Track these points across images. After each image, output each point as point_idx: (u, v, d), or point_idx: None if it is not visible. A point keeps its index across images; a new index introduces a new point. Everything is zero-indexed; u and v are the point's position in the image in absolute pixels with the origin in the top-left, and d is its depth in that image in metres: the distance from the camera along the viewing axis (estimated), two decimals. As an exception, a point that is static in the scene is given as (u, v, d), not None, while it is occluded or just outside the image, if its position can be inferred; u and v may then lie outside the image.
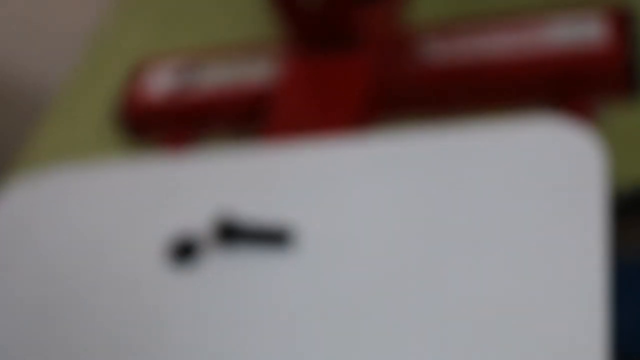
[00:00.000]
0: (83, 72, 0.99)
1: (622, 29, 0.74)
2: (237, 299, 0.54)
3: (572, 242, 0.51)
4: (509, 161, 0.56)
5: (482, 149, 0.57)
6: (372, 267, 0.53)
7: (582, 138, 0.55)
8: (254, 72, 0.83)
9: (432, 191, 0.56)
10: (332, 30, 0.75)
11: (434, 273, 0.52)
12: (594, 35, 0.74)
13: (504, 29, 0.77)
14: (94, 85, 0.97)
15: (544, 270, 0.50)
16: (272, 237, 0.56)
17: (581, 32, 0.74)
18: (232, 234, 0.56)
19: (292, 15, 0.75)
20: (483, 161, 0.56)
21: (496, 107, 0.76)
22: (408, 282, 0.52)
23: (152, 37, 1.00)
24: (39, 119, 0.96)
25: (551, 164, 0.55)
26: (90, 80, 0.98)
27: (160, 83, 0.86)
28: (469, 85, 0.77)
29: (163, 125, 0.86)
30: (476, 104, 0.77)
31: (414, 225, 0.54)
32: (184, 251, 0.57)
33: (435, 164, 0.57)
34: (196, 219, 0.59)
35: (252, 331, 0.52)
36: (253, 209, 0.58)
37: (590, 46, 0.74)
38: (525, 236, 0.52)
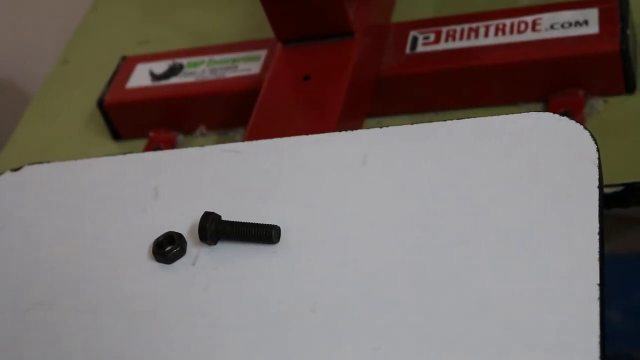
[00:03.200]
0: (65, 67, 0.99)
1: (617, 22, 0.73)
2: (224, 297, 0.54)
3: (566, 234, 0.50)
4: (502, 154, 0.55)
5: (474, 142, 0.57)
6: (361, 262, 0.53)
7: (577, 132, 0.55)
8: (240, 66, 0.83)
9: (422, 184, 0.55)
10: (320, 21, 0.74)
11: (426, 267, 0.51)
12: (589, 29, 0.74)
13: (498, 23, 0.77)
14: (76, 80, 0.96)
15: (537, 262, 0.50)
16: (258, 235, 0.55)
17: (577, 26, 0.74)
18: (218, 231, 0.56)
19: (280, 6, 0.74)
20: (474, 154, 0.56)
21: (489, 101, 0.76)
22: (397, 277, 0.51)
23: (135, 31, 0.99)
24: (21, 114, 0.96)
25: (546, 157, 0.54)
26: (73, 75, 0.97)
27: (145, 78, 0.86)
28: (460, 79, 0.76)
29: (147, 120, 0.85)
30: (468, 99, 0.77)
31: (404, 219, 0.54)
32: (170, 249, 0.56)
33: (425, 157, 0.57)
34: (182, 216, 0.58)
35: (238, 329, 0.52)
36: (239, 206, 0.58)
37: (585, 40, 0.73)
38: (518, 228, 0.51)
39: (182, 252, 0.56)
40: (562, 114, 0.56)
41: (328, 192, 0.57)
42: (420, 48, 0.78)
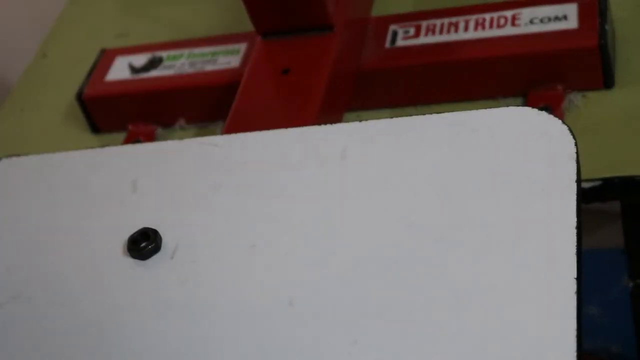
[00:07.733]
0: (44, 60, 0.98)
1: (596, 17, 0.74)
2: (201, 291, 0.53)
3: (543, 228, 0.51)
4: (481, 148, 0.55)
5: (453, 136, 0.57)
6: (339, 256, 0.53)
7: (556, 127, 0.55)
8: (220, 59, 0.83)
9: (401, 178, 0.55)
10: (300, 14, 0.74)
11: (403, 261, 0.51)
12: (568, 24, 0.74)
13: (477, 17, 0.77)
14: (55, 73, 0.96)
15: (515, 256, 0.50)
16: None
17: (556, 21, 0.75)
18: None
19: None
20: (453, 148, 0.56)
21: (468, 95, 0.76)
22: (375, 271, 0.51)
23: (115, 24, 0.99)
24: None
25: (524, 151, 0.55)
26: (52, 68, 0.97)
27: (124, 71, 0.86)
28: (440, 73, 0.76)
29: (126, 113, 0.85)
30: (448, 93, 0.77)
31: (383, 213, 0.54)
32: (145, 245, 0.56)
33: (404, 151, 0.57)
34: (161, 209, 0.58)
35: (216, 323, 0.52)
36: (218, 199, 0.58)
37: (565, 35, 0.74)
38: (496, 222, 0.52)
39: (156, 248, 0.56)
40: (541, 109, 0.57)
41: (307, 185, 0.57)
42: (400, 42, 0.78)
